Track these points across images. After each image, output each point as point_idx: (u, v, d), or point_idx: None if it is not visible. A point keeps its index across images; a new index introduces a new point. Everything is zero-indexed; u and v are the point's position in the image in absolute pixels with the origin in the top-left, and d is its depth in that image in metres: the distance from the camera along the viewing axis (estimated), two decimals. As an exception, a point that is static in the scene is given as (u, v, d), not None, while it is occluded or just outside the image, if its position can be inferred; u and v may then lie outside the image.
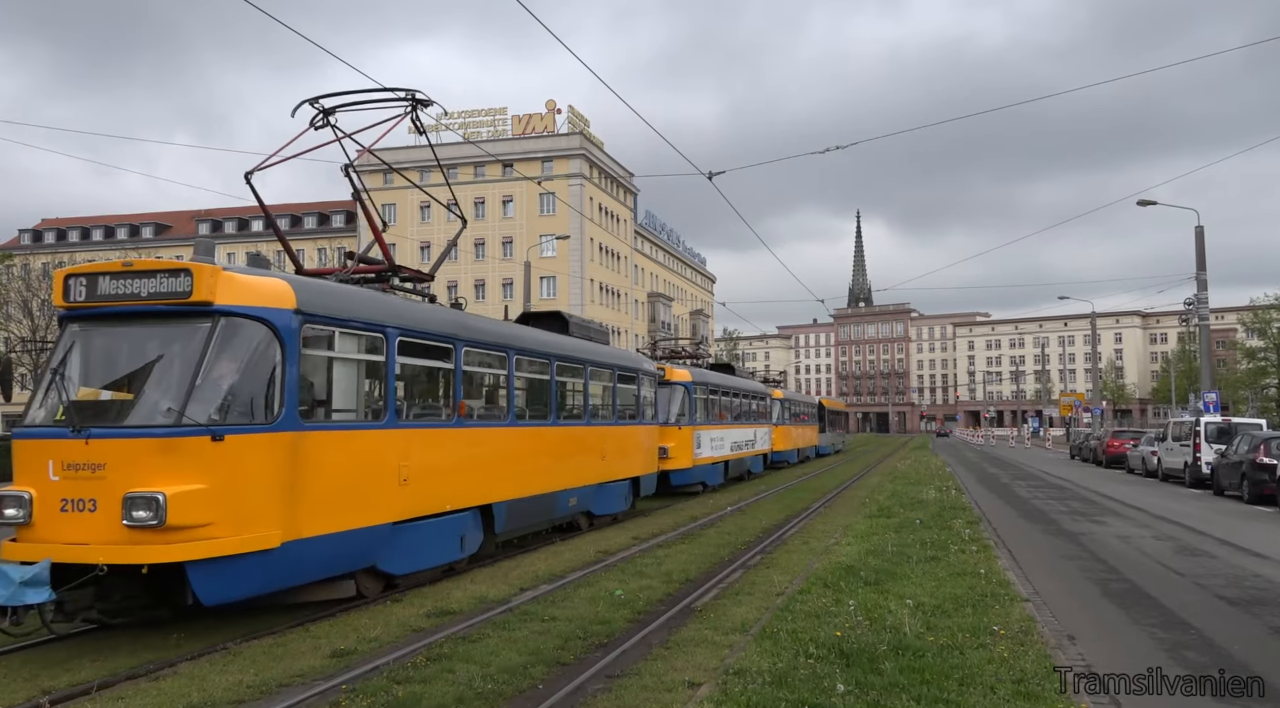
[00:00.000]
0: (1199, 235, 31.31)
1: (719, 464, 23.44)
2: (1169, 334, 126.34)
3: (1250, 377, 71.45)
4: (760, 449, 28.93)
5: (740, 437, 26.01)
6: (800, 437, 38.17)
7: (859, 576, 9.66)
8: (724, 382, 25.22)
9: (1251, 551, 12.74)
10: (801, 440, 38.46)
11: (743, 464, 26.68)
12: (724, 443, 23.81)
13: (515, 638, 7.45)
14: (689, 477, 20.91)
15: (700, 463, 21.32)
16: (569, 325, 15.20)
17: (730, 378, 26.75)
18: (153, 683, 6.35)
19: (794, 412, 37.15)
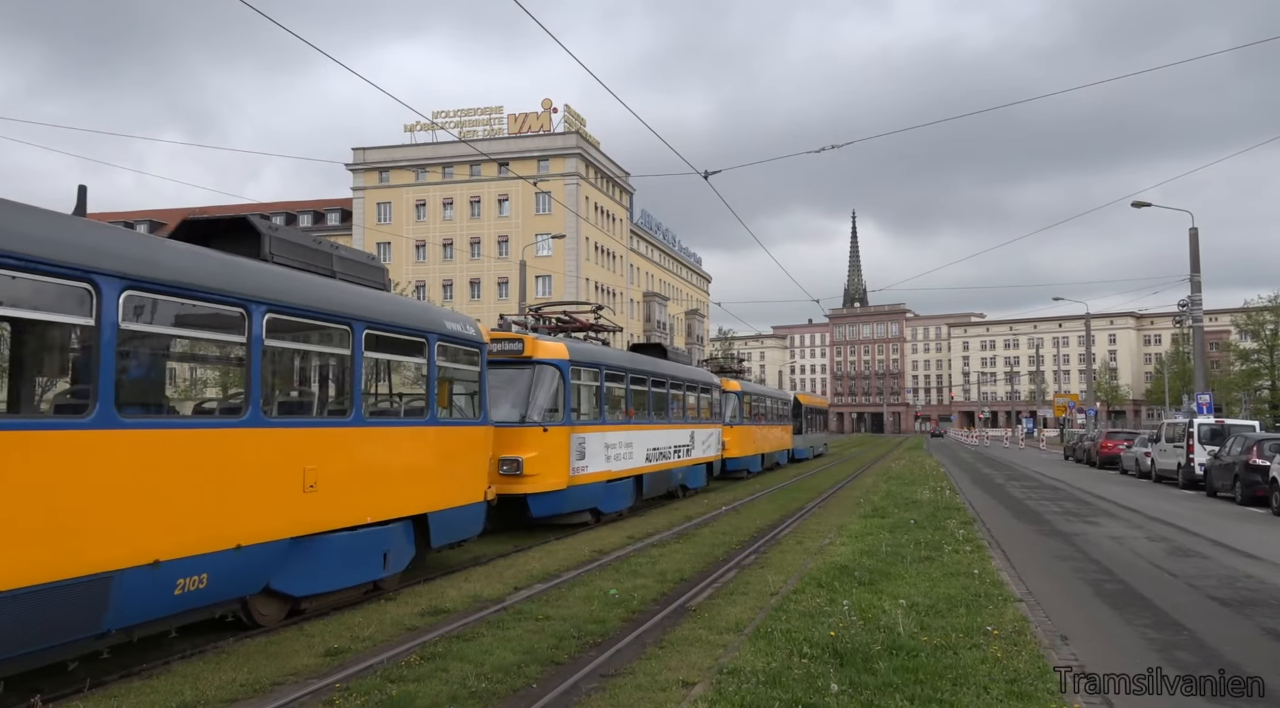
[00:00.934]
0: (1193, 237, 31.40)
1: (623, 481, 16.65)
2: (1163, 336, 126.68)
3: (1244, 378, 71.73)
4: (702, 456, 21.96)
5: (665, 441, 19.04)
6: (767, 439, 31.83)
7: (853, 576, 9.67)
8: (632, 364, 17.84)
9: (1244, 552, 12.79)
10: (768, 443, 32.04)
11: (670, 478, 19.54)
12: (632, 451, 16.95)
13: (509, 637, 7.45)
14: (562, 503, 14.06)
15: (582, 482, 14.61)
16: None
17: (647, 360, 19.16)
18: (145, 681, 6.33)
19: (758, 409, 30.79)
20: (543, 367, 14.15)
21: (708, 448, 22.55)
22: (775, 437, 33.75)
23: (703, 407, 22.67)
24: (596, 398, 15.72)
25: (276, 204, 79.40)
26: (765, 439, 31.54)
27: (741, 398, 27.76)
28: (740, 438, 27.19)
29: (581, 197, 68.82)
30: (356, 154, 72.99)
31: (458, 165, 70.74)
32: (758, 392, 31.87)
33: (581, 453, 14.63)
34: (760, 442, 30.46)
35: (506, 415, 13.36)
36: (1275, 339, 69.83)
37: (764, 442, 31.21)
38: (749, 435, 28.59)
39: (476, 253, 69.58)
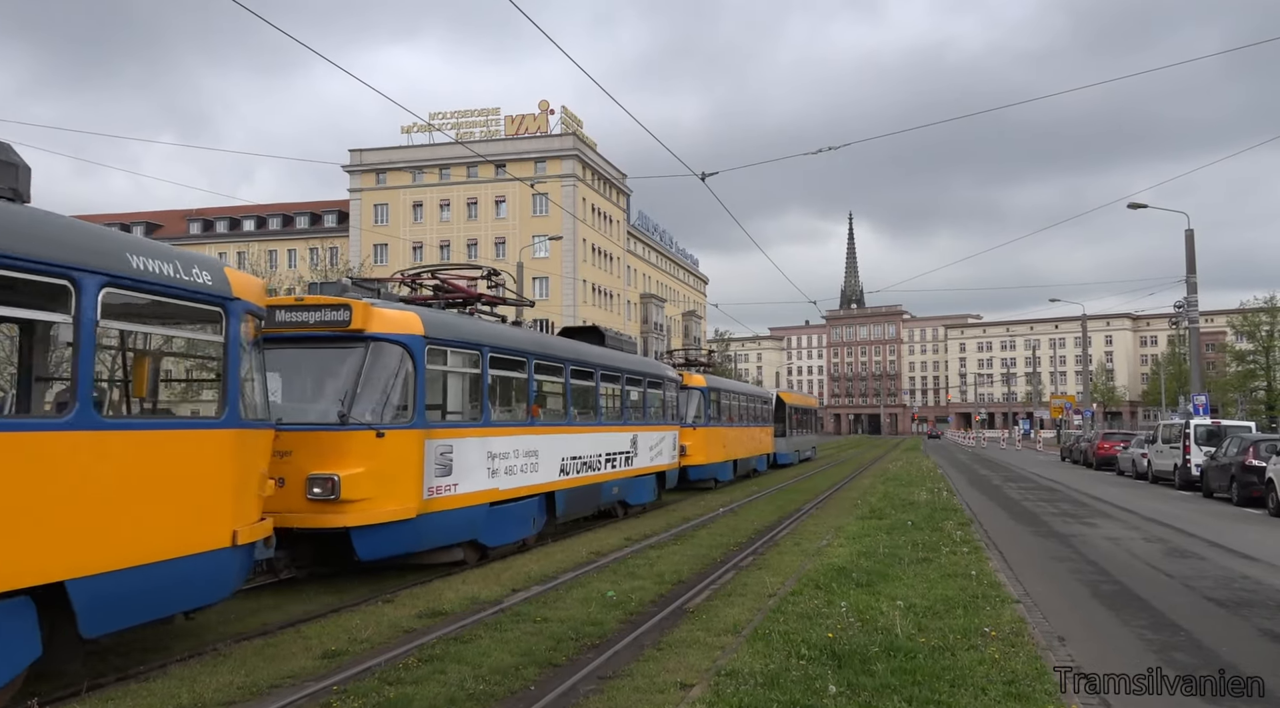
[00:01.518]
0: (1189, 238, 31.47)
1: (521, 503, 12.43)
2: (1159, 337, 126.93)
3: (1239, 379, 71.84)
4: (650, 465, 18.22)
5: (592, 447, 15.09)
6: (741, 442, 27.94)
7: (851, 577, 9.68)
8: (539, 347, 13.66)
9: (1240, 552, 12.81)
10: (743, 447, 28.21)
11: (599, 494, 15.62)
12: (537, 461, 12.90)
13: (507, 639, 7.45)
14: (412, 537, 10.17)
15: (448, 506, 10.60)
16: None
17: (564, 344, 15.13)
18: (142, 684, 6.32)
19: (730, 408, 26.81)
20: (380, 344, 9.99)
21: (658, 455, 18.72)
22: (752, 440, 29.97)
23: (652, 405, 18.83)
24: (475, 390, 11.46)
25: (273, 206, 79.37)
26: (739, 443, 27.63)
27: (708, 395, 23.89)
28: (705, 442, 23.34)
29: (578, 198, 68.85)
30: (353, 155, 72.98)
31: (455, 167, 70.76)
32: (729, 388, 27.61)
33: (446, 467, 10.37)
34: (732, 446, 26.56)
35: (320, 415, 9.71)
36: (1271, 340, 69.97)
37: (737, 446, 27.31)
38: (717, 439, 24.53)
39: (474, 254, 69.56)
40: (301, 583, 10.01)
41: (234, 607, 8.85)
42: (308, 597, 9.41)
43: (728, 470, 26.12)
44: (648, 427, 18.17)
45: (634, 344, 19.83)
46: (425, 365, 10.28)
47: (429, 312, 10.99)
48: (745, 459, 28.71)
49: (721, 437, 25.17)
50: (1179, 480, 25.22)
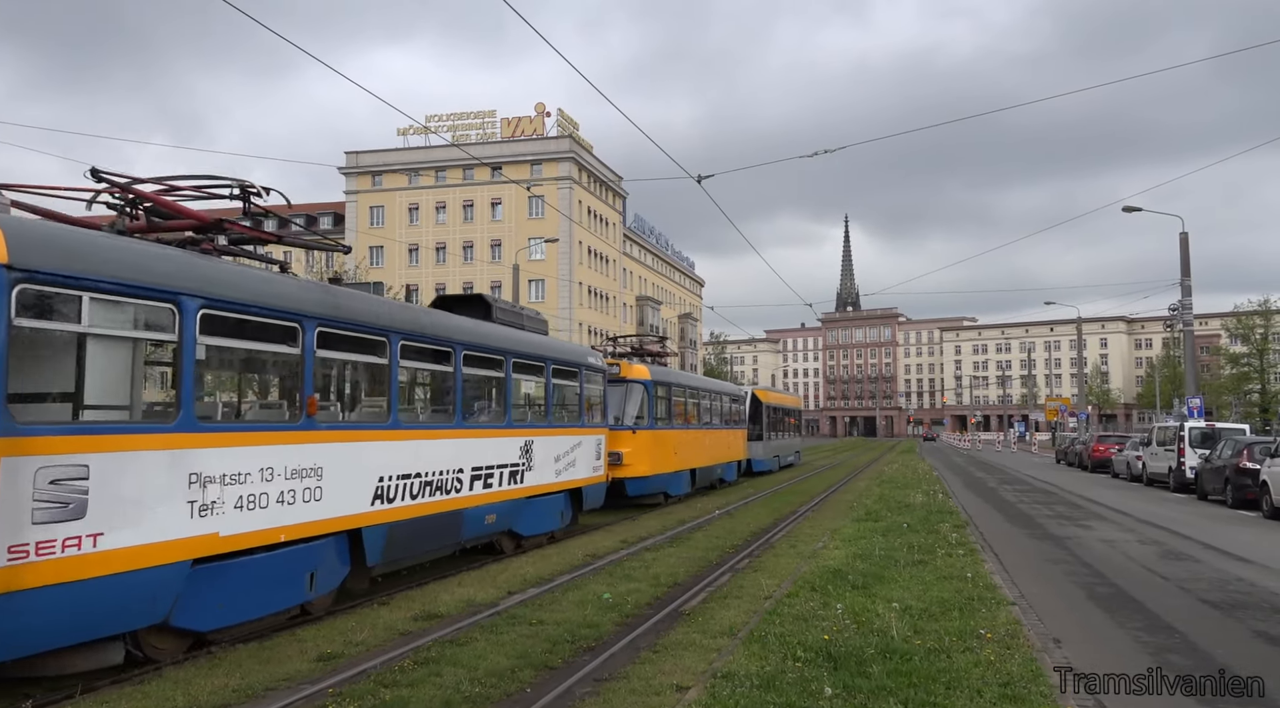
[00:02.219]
0: (1183, 242, 31.57)
1: (282, 553, 7.81)
2: (1154, 340, 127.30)
3: (1234, 382, 72.13)
4: (555, 480, 13.64)
5: (444, 459, 10.54)
6: (703, 448, 23.72)
7: (846, 579, 9.68)
8: (324, 308, 8.70)
9: (1235, 555, 12.84)
10: (706, 453, 24.00)
11: (457, 527, 10.93)
12: (320, 485, 8.26)
13: (503, 642, 7.44)
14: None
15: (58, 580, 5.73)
16: None
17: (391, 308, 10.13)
18: (136, 687, 6.31)
19: (687, 407, 22.82)
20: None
21: (569, 467, 14.07)
22: (718, 444, 25.64)
23: (563, 401, 14.68)
24: (173, 370, 7.00)
25: (269, 207, 79.16)
26: (699, 448, 23.30)
27: (653, 391, 19.61)
28: (650, 448, 19.14)
29: (574, 200, 68.86)
30: (349, 157, 72.92)
31: (451, 169, 70.73)
32: (685, 383, 23.47)
33: (68, 503, 5.81)
34: (689, 452, 22.20)
35: None
36: (1265, 343, 70.25)
37: (696, 452, 22.95)
38: (665, 444, 20.25)
39: (469, 257, 69.54)
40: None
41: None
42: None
43: (682, 482, 21.61)
44: (552, 430, 13.54)
45: (543, 323, 14.67)
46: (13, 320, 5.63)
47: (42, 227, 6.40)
48: (708, 467, 24.43)
49: (673, 441, 20.89)
50: (1174, 483, 25.27)
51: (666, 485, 20.47)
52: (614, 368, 18.35)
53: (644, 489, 19.16)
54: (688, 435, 22.48)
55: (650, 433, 19.45)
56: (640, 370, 19.64)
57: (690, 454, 22.41)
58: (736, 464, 28.19)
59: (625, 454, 18.16)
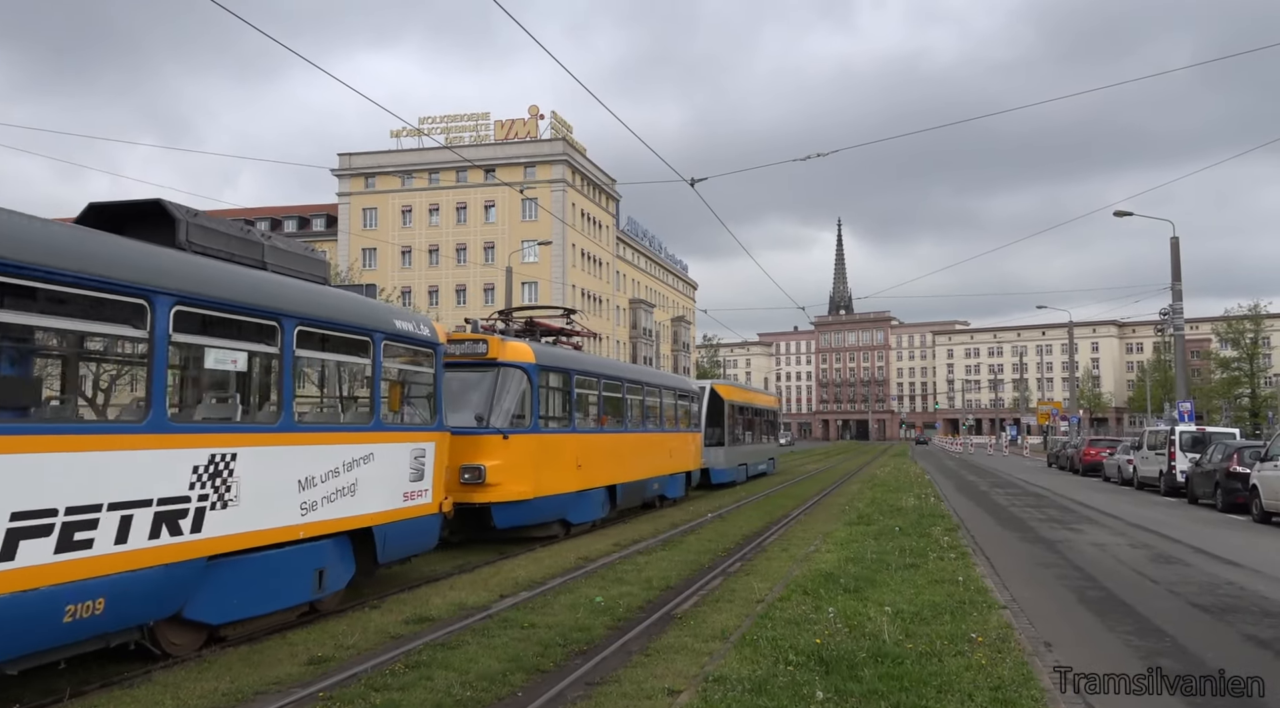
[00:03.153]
0: (1174, 246, 31.72)
1: None
2: (1145, 344, 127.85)
3: (1224, 386, 72.53)
4: (274, 525, 7.78)
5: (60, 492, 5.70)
6: (628, 457, 18.18)
7: (838, 583, 9.69)
8: None
9: (1225, 558, 12.89)
10: (634, 465, 18.47)
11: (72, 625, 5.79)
12: None
13: (494, 645, 7.42)
14: None
15: None
16: None
17: None
18: (126, 691, 6.28)
19: (599, 402, 17.02)
20: None
21: (347, 495, 8.84)
22: (657, 452, 20.15)
23: (345, 389, 10.61)
24: None
25: (261, 209, 79.07)
26: (624, 458, 17.92)
27: (540, 379, 14.33)
28: (532, 460, 13.70)
29: (568, 203, 68.87)
30: (342, 159, 72.81)
31: (444, 171, 70.69)
32: (598, 372, 17.19)
33: None
34: (606, 464, 16.76)
35: None
36: (1255, 348, 70.64)
37: (619, 462, 17.56)
38: (560, 454, 14.76)
39: (462, 259, 69.48)
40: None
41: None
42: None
43: (592, 504, 16.04)
44: (291, 435, 8.24)
45: (321, 267, 9.59)
46: None
47: None
48: (637, 483, 18.60)
49: (574, 449, 15.25)
50: (1164, 487, 25.36)
51: (564, 510, 14.87)
52: (476, 345, 13.86)
53: (522, 518, 13.54)
54: (602, 442, 16.74)
55: (533, 439, 13.87)
56: (519, 350, 14.04)
57: (607, 466, 16.79)
58: (687, 476, 22.80)
59: (490, 469, 12.79)
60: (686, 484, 22.91)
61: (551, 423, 15.05)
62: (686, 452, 22.82)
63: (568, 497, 14.91)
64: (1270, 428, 57.21)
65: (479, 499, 12.83)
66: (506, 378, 13.84)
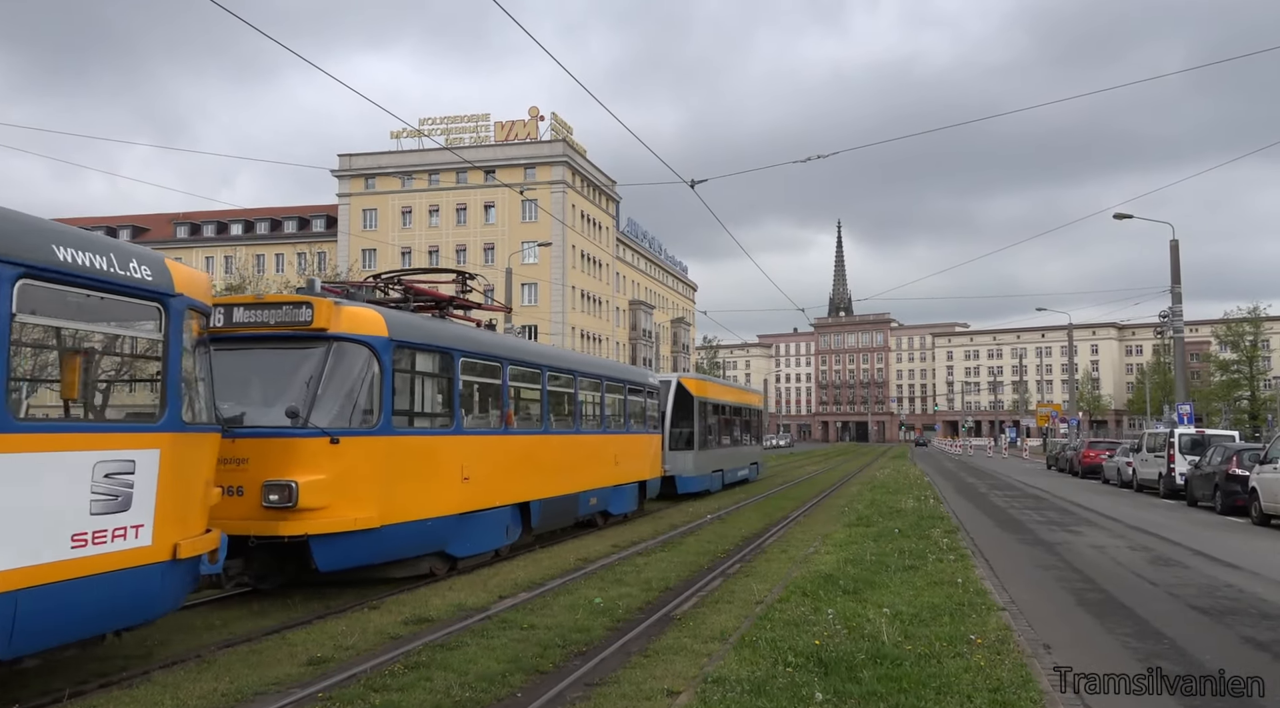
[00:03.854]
0: (1174, 249, 31.76)
1: None
2: (1144, 346, 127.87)
3: (1223, 389, 72.49)
4: None
5: None
6: (548, 467, 14.32)
7: (838, 584, 9.69)
8: None
9: (1224, 561, 12.89)
10: (559, 476, 14.68)
11: None
12: None
13: (494, 646, 7.43)
14: None
15: None
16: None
17: None
18: (125, 691, 6.28)
19: (501, 394, 12.93)
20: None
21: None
22: (599, 458, 16.57)
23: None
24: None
25: (261, 210, 79.12)
26: (549, 466, 14.27)
27: (401, 359, 10.55)
28: (386, 472, 9.98)
29: (568, 204, 68.89)
30: (342, 160, 72.84)
31: (444, 172, 70.73)
32: (493, 354, 12.84)
33: None
34: (523, 474, 13.30)
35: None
36: (1254, 350, 70.68)
37: (541, 473, 13.94)
38: (437, 461, 11.02)
39: (462, 260, 69.46)
40: (288, 590, 9.93)
41: (217, 614, 8.81)
42: (292, 604, 9.36)
43: (487, 530, 12.05)
44: None
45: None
46: None
47: None
48: (563, 499, 14.63)
49: (451, 458, 11.25)
50: (1163, 489, 25.35)
51: (441, 539, 10.87)
52: (294, 311, 9.59)
53: (363, 555, 9.66)
54: (505, 447, 12.76)
55: (383, 443, 9.88)
56: (362, 319, 9.93)
57: (514, 478, 12.92)
58: (641, 487, 18.99)
59: (307, 487, 8.85)
60: (641, 496, 19.03)
61: (421, 422, 11.10)
62: (641, 457, 19.06)
63: (445, 522, 10.80)
64: (1269, 431, 57.24)
65: (287, 531, 8.74)
66: (341, 357, 9.66)
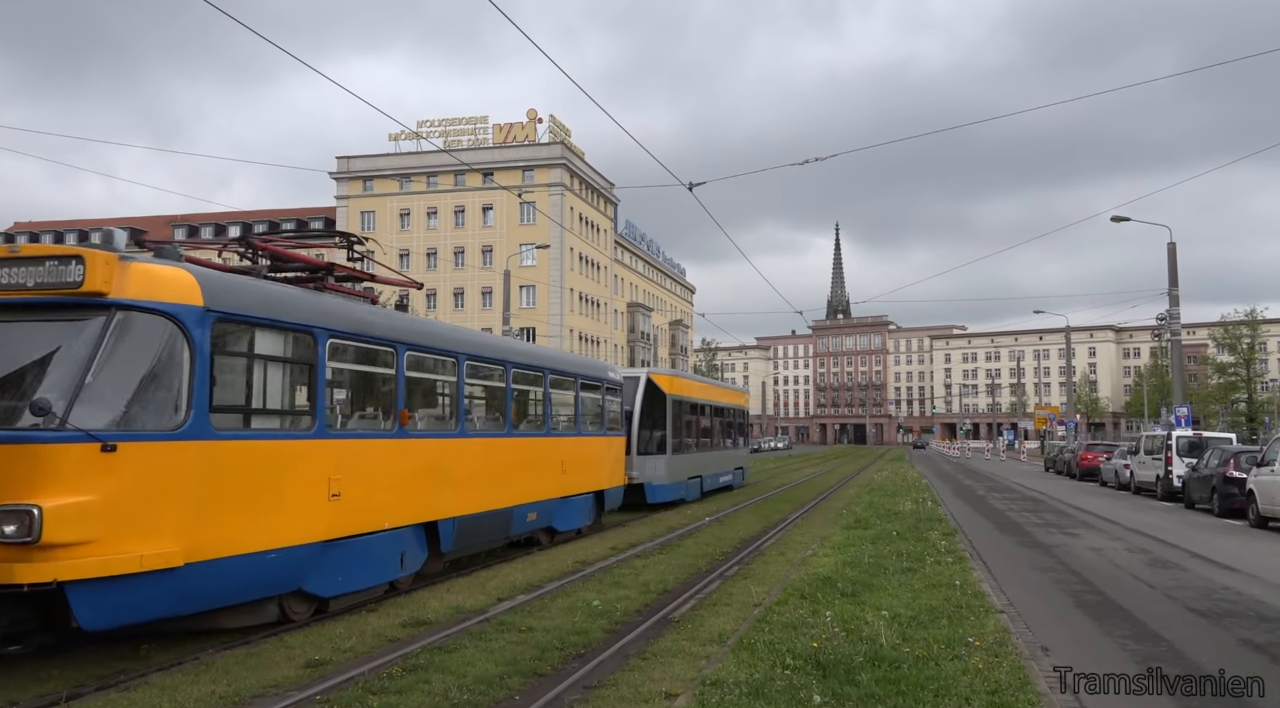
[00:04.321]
0: (1171, 252, 31.79)
1: None
2: (1142, 349, 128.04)
3: (1221, 392, 72.54)
4: None
5: None
6: (471, 477, 11.50)
7: (836, 587, 9.69)
8: None
9: (1221, 563, 12.90)
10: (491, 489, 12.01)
11: None
12: None
13: (492, 648, 7.42)
14: None
15: None
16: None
17: None
18: (123, 694, 6.27)
19: (394, 385, 9.91)
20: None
21: None
22: (539, 465, 14.01)
23: None
24: None
25: (259, 212, 79.08)
26: (465, 477, 11.47)
27: (226, 335, 7.53)
28: (194, 489, 7.04)
29: (566, 207, 68.92)
30: (340, 162, 72.84)
31: (442, 175, 70.72)
32: (379, 335, 9.71)
33: None
34: (429, 487, 10.59)
35: None
36: (1251, 353, 70.78)
37: (454, 485, 11.15)
38: (284, 474, 8.05)
39: (460, 262, 69.48)
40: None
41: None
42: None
43: (373, 559, 9.38)
44: None
45: None
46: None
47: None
48: (488, 516, 11.97)
49: (311, 469, 8.40)
50: (1161, 492, 25.38)
51: (295, 576, 8.28)
52: (58, 268, 6.82)
53: (159, 605, 7.00)
54: (396, 453, 9.92)
55: (187, 451, 7.08)
56: (161, 280, 7.18)
57: (413, 492, 10.18)
58: (598, 497, 16.37)
59: (53, 514, 6.18)
60: (598, 509, 16.45)
61: (263, 421, 8.35)
62: (597, 463, 16.42)
63: (300, 552, 8.06)
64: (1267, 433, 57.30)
65: (28, 577, 6.16)
66: (127, 331, 6.93)
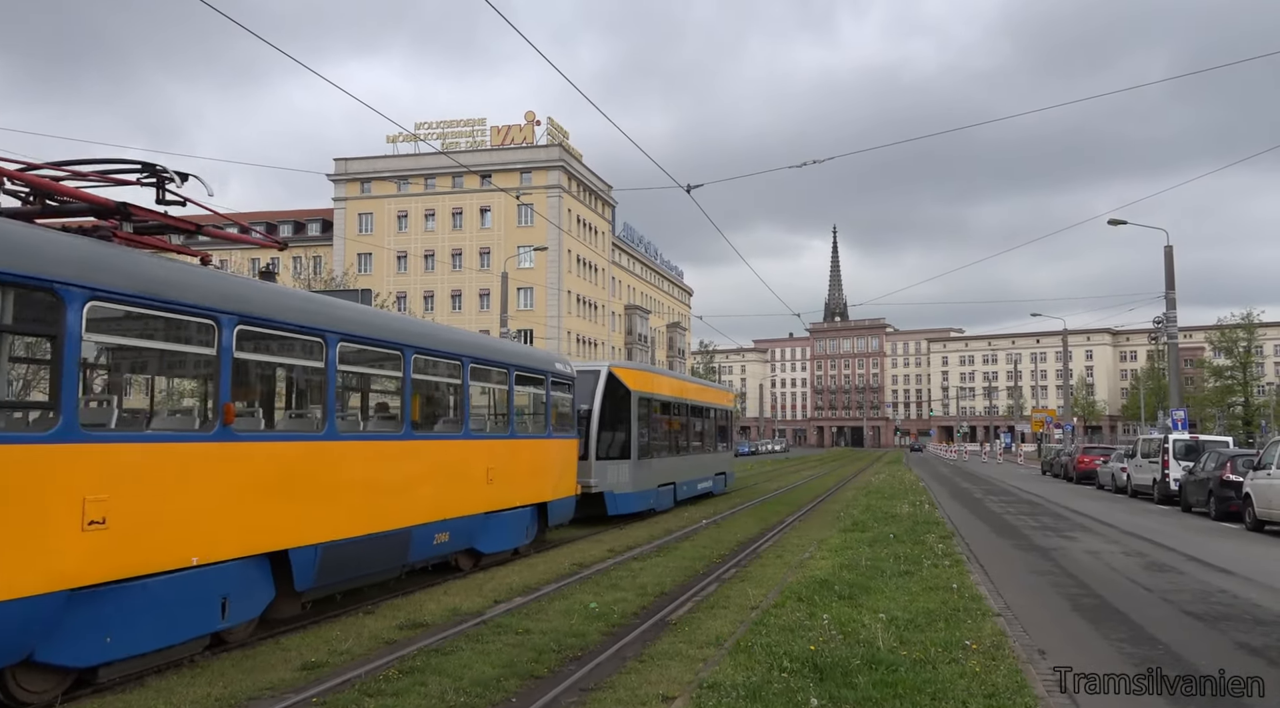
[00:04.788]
0: (1168, 255, 31.82)
1: None
2: (1139, 352, 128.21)
3: (1217, 395, 72.72)
4: None
5: None
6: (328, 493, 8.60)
7: (833, 589, 9.69)
8: None
9: (1218, 566, 12.92)
10: (364, 509, 9.13)
11: None
12: None
13: (489, 651, 7.41)
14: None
15: None
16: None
17: None
18: (118, 697, 6.26)
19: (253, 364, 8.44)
20: None
21: None
22: (447, 474, 11.14)
23: None
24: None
25: (257, 214, 78.93)
26: (318, 493, 8.48)
27: None
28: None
29: (564, 209, 68.91)
30: (338, 164, 72.78)
31: (440, 177, 70.69)
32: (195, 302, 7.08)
33: None
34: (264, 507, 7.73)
35: None
36: (1248, 356, 70.94)
37: (299, 503, 8.20)
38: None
39: (458, 264, 69.44)
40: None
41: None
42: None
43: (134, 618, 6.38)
44: None
45: None
46: None
47: None
48: (364, 541, 9.16)
49: (30, 487, 5.62)
50: (1158, 495, 25.40)
51: (23, 641, 5.70)
52: None
53: None
54: (214, 461, 7.27)
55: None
56: None
57: (246, 515, 7.57)
58: (539, 511, 14.03)
59: None
60: (540, 524, 14.13)
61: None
62: (539, 471, 14.17)
63: (33, 606, 5.71)
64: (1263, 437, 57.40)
65: None
66: None
